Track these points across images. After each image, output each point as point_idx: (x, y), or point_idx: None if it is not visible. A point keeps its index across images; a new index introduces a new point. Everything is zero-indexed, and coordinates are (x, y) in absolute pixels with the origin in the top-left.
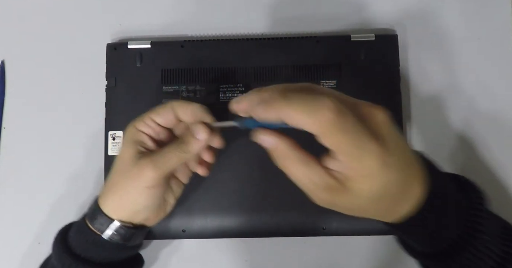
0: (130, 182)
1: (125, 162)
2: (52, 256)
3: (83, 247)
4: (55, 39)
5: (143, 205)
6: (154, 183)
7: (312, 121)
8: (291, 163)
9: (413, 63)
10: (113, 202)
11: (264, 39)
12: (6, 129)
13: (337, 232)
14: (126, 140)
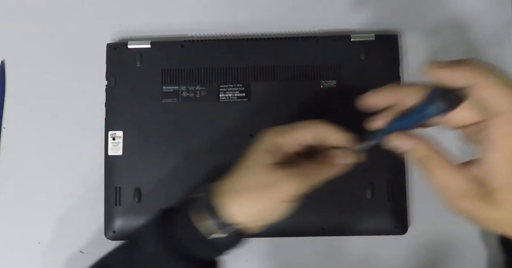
0: (269, 193)
1: (263, 170)
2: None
3: (189, 246)
4: (55, 39)
5: (273, 216)
6: (294, 199)
7: (508, 100)
8: (432, 166)
9: (413, 63)
10: (242, 207)
11: (264, 39)
12: (6, 129)
13: (337, 232)
14: (262, 148)
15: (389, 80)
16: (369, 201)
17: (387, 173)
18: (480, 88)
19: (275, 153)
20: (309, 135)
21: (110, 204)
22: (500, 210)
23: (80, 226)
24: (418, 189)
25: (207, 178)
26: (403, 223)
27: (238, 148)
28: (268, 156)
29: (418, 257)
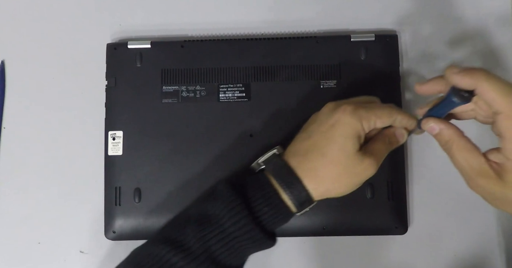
0: (353, 179)
1: (350, 158)
2: (230, 225)
3: (273, 222)
4: (55, 39)
5: (342, 195)
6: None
7: (504, 101)
8: (455, 148)
9: (413, 63)
10: (324, 190)
11: (264, 39)
12: (6, 129)
13: (337, 232)
14: (349, 134)
15: (389, 80)
16: (369, 201)
17: (387, 173)
18: (482, 92)
19: (360, 138)
20: (387, 122)
21: (110, 204)
22: (506, 189)
23: (80, 226)
24: (418, 189)
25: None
26: (403, 223)
27: (238, 148)
28: (355, 143)
29: (418, 257)
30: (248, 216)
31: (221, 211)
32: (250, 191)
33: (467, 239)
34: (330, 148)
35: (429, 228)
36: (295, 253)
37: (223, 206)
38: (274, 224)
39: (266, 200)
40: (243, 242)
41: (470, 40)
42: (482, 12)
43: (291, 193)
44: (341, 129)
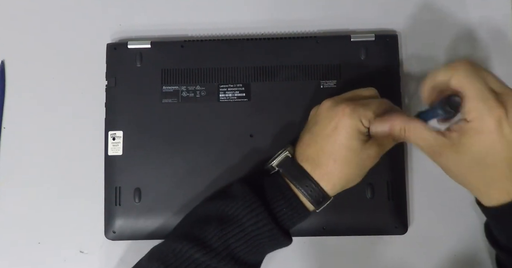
0: (360, 171)
1: (358, 154)
2: (251, 224)
3: (292, 222)
4: (55, 39)
5: (357, 183)
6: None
7: (448, 69)
8: (408, 132)
9: (413, 63)
10: (335, 185)
11: (264, 39)
12: (6, 129)
13: (337, 232)
14: (352, 134)
15: (389, 80)
16: (369, 201)
17: (387, 173)
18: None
19: (363, 134)
20: (382, 109)
21: (110, 204)
22: (459, 155)
23: (80, 226)
24: (418, 189)
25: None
26: (403, 223)
27: (238, 148)
28: (360, 138)
29: (418, 257)
30: (268, 217)
31: (241, 212)
32: (269, 193)
33: (467, 239)
34: (339, 152)
35: (429, 228)
36: (295, 253)
37: (244, 207)
38: (292, 224)
39: (286, 202)
40: (262, 240)
41: (470, 40)
42: (482, 11)
43: (310, 196)
44: (344, 131)
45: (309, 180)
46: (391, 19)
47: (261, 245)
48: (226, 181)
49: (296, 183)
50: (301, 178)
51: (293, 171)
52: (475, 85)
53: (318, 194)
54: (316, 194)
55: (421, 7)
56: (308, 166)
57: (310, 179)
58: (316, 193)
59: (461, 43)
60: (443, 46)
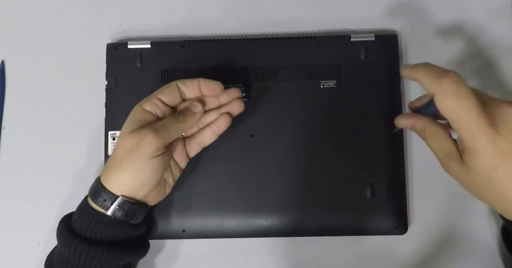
0: (134, 154)
1: (125, 137)
2: (58, 242)
3: (87, 227)
4: (55, 39)
5: (147, 177)
6: (156, 152)
7: (433, 82)
8: (428, 135)
9: (413, 63)
10: (117, 178)
11: (264, 39)
12: (6, 129)
13: (337, 232)
14: (130, 119)
15: (389, 80)
16: (369, 201)
17: (387, 173)
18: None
19: (140, 121)
20: (174, 95)
21: None
22: (467, 171)
23: None
24: (418, 189)
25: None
26: (403, 223)
27: (238, 148)
28: (135, 124)
29: (418, 257)
30: (63, 225)
31: (57, 236)
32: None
33: (467, 239)
34: (117, 141)
35: (429, 228)
36: (295, 253)
37: (57, 231)
38: (90, 230)
39: (78, 209)
40: (68, 253)
41: (470, 40)
42: (482, 11)
43: (91, 194)
44: (125, 122)
45: (96, 182)
46: (391, 19)
47: (75, 260)
48: (226, 181)
49: (89, 193)
50: (93, 186)
51: (92, 183)
52: (462, 106)
53: (97, 191)
54: (95, 191)
55: (421, 7)
56: (101, 174)
57: (96, 182)
58: (95, 190)
59: (462, 43)
60: (443, 46)
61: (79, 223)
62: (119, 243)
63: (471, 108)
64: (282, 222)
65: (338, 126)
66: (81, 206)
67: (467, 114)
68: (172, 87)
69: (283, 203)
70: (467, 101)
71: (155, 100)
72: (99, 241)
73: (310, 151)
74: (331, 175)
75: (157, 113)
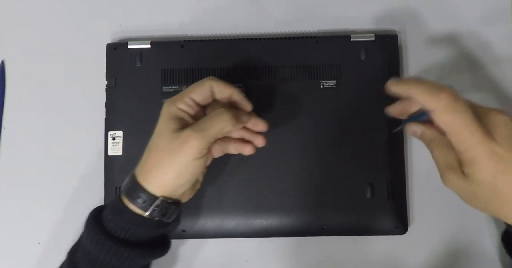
0: (176, 156)
1: (166, 138)
2: (86, 240)
3: (122, 228)
4: (55, 39)
5: (187, 179)
6: (200, 154)
7: (431, 99)
8: (435, 144)
9: (413, 63)
10: (157, 179)
11: (264, 39)
12: (6, 129)
13: (337, 232)
14: (165, 118)
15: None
16: (369, 201)
17: (387, 173)
18: (414, 95)
19: (177, 120)
20: (206, 95)
21: None
22: (467, 183)
23: (80, 226)
24: (418, 189)
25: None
26: (403, 223)
27: None
28: (171, 123)
29: (418, 257)
30: (96, 225)
31: (83, 233)
32: (105, 208)
33: (467, 240)
34: (152, 140)
35: (429, 228)
36: (295, 253)
37: (84, 228)
38: (125, 231)
39: (111, 209)
40: (99, 253)
41: (470, 40)
42: (482, 11)
43: (128, 194)
44: (159, 121)
45: (129, 179)
46: (391, 19)
47: (105, 261)
48: (226, 181)
49: (124, 191)
50: (129, 183)
51: (126, 181)
52: (460, 120)
53: (135, 190)
54: (133, 190)
55: (421, 7)
56: (137, 171)
57: (130, 178)
58: (133, 189)
59: (462, 43)
60: (443, 46)
61: (113, 224)
62: (149, 242)
63: (470, 122)
64: (282, 222)
65: (338, 126)
66: (115, 206)
67: (465, 127)
68: (205, 88)
69: (283, 203)
70: (464, 115)
71: (188, 99)
72: (132, 242)
73: (310, 151)
74: (331, 175)
75: (190, 112)
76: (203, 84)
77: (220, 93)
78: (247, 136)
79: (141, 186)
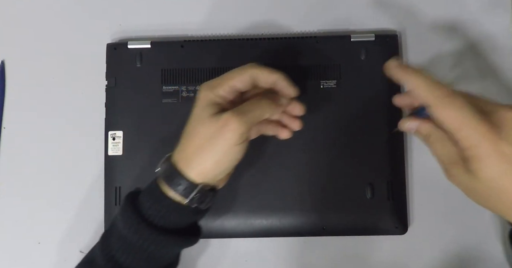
0: (217, 141)
1: (205, 123)
2: (123, 227)
3: (161, 216)
4: (55, 39)
5: (227, 165)
6: (240, 140)
7: (428, 92)
8: (432, 140)
9: (413, 63)
10: (198, 166)
11: (264, 39)
12: (6, 129)
13: (337, 232)
14: (203, 103)
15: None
16: (369, 201)
17: (387, 173)
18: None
19: (216, 105)
20: (246, 82)
21: (110, 204)
22: (471, 178)
23: (80, 226)
24: (418, 189)
25: None
26: (403, 223)
27: None
28: (209, 108)
29: (418, 257)
30: (133, 212)
31: (118, 220)
32: (141, 194)
33: (467, 240)
34: (190, 125)
35: (429, 228)
36: (295, 253)
37: (119, 215)
38: (164, 218)
39: (149, 194)
40: (137, 241)
41: (470, 39)
42: (481, 10)
43: (168, 181)
44: (195, 106)
45: (166, 164)
46: (391, 19)
47: (142, 248)
48: None
49: (160, 174)
50: (163, 166)
51: (163, 165)
52: (460, 116)
53: (174, 177)
54: (172, 177)
55: (421, 7)
56: (173, 155)
57: (167, 163)
58: (173, 175)
59: (461, 42)
60: (443, 46)
61: (152, 211)
62: (185, 229)
63: (471, 117)
64: (282, 222)
65: (338, 126)
66: (154, 193)
67: (467, 123)
68: (246, 76)
69: (283, 203)
70: (464, 110)
71: (227, 87)
72: (170, 229)
73: (310, 151)
74: (331, 175)
75: (229, 98)
76: (245, 72)
77: (263, 80)
78: (284, 119)
79: (181, 173)
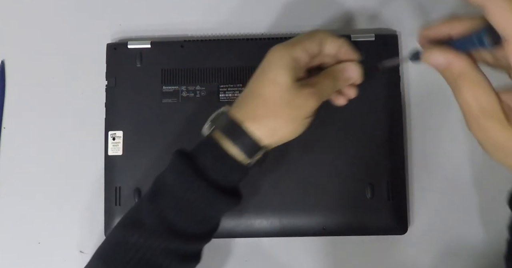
0: (294, 112)
1: (284, 90)
2: (179, 186)
3: (223, 175)
4: (55, 39)
5: (294, 135)
6: (312, 114)
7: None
8: (466, 83)
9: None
10: (270, 130)
11: (264, 39)
12: (6, 129)
13: (337, 232)
14: (279, 66)
15: (389, 80)
16: (369, 201)
17: (387, 173)
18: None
19: (293, 70)
20: (315, 47)
21: (110, 204)
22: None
23: (80, 226)
24: (418, 189)
25: None
26: (403, 223)
27: None
28: (288, 74)
29: (418, 257)
30: (192, 171)
31: (169, 176)
32: (195, 149)
33: (467, 239)
34: (263, 86)
35: (429, 228)
36: (295, 253)
37: (171, 171)
38: (224, 177)
39: (208, 152)
40: (194, 201)
41: None
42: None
43: (232, 139)
44: (270, 66)
45: (230, 122)
46: (391, 19)
47: (197, 208)
48: None
49: (219, 130)
50: (223, 122)
51: (218, 119)
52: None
53: (241, 136)
54: (238, 136)
55: (421, 7)
56: (234, 110)
57: (231, 121)
58: (238, 135)
59: None
60: None
61: (213, 171)
62: (235, 190)
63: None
64: (282, 222)
65: (338, 126)
66: (213, 150)
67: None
68: (317, 39)
69: (283, 203)
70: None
71: (302, 47)
72: (228, 189)
73: (310, 151)
74: (331, 175)
75: (302, 62)
76: (315, 36)
77: (330, 45)
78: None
79: (248, 132)
